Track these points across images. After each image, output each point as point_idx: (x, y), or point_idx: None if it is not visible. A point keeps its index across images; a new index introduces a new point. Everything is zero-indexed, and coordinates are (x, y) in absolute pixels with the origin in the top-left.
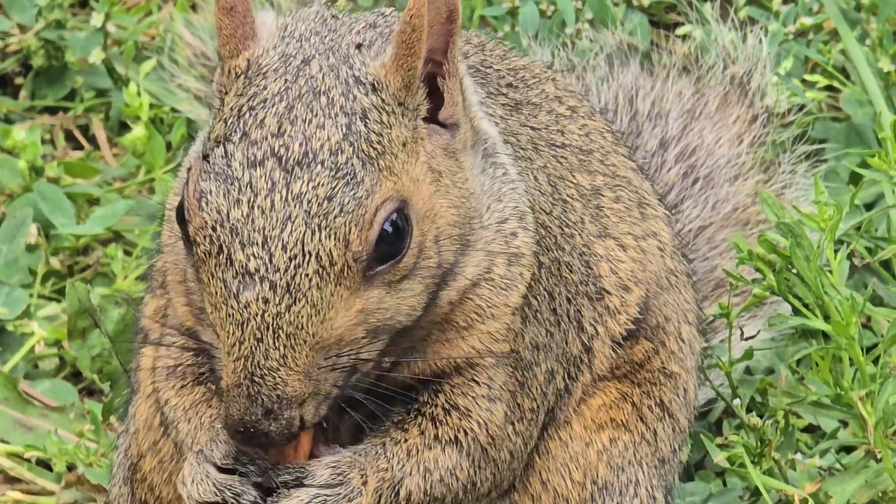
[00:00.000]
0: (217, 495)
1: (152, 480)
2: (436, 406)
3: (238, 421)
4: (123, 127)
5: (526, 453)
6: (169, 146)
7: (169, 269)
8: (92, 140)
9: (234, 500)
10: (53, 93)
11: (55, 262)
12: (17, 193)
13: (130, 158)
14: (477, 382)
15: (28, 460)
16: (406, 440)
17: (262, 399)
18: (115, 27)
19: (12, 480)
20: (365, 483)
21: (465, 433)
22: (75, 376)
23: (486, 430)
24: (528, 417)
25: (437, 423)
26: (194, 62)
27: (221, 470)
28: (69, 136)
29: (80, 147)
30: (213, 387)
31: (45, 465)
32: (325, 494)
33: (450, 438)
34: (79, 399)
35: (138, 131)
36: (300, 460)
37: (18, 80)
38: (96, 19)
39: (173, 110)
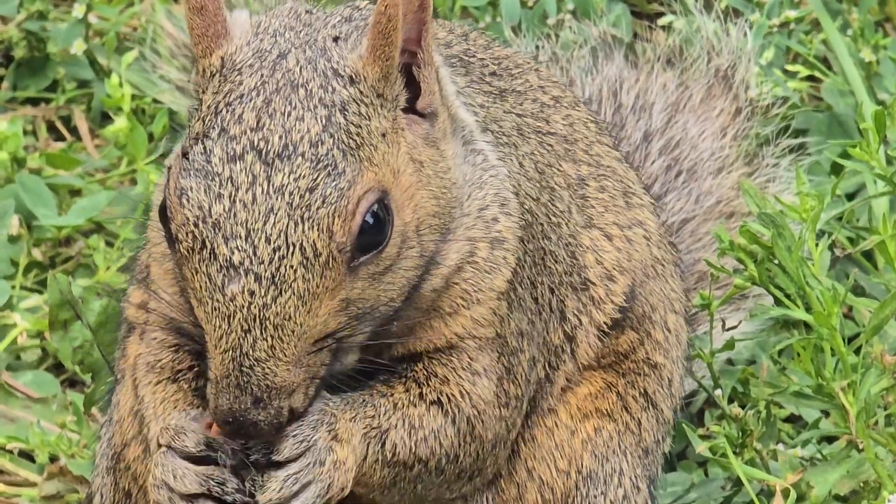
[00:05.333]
0: (203, 486)
1: (136, 469)
2: (416, 372)
3: (227, 411)
4: (105, 118)
5: (509, 441)
6: (151, 137)
7: (154, 262)
8: (74, 131)
9: (218, 489)
10: (35, 84)
11: (37, 254)
12: None
13: (112, 150)
14: (457, 358)
15: (10, 451)
16: (392, 395)
17: (252, 388)
18: (96, 18)
19: None
20: (335, 437)
21: (448, 399)
22: (57, 368)
23: (470, 401)
24: (513, 404)
25: (420, 384)
26: (176, 53)
27: (196, 460)
28: (51, 128)
29: (62, 138)
30: (186, 386)
31: (27, 456)
32: (294, 474)
33: (433, 399)
34: (61, 390)
35: (120, 122)
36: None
37: (0, 72)
38: (78, 10)
39: (155, 101)
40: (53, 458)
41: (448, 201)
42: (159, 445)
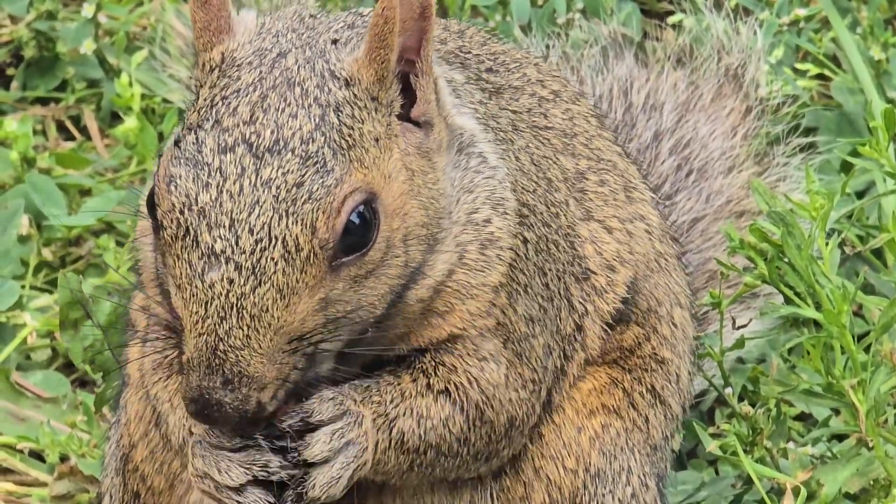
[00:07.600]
0: (248, 473)
1: (144, 470)
2: (423, 362)
3: (195, 387)
4: (115, 118)
5: (528, 426)
6: (161, 136)
7: (145, 266)
8: (84, 131)
9: (264, 473)
10: (45, 84)
11: (47, 253)
12: (8, 184)
13: (122, 149)
14: (462, 346)
15: (21, 451)
16: (399, 384)
17: (224, 370)
18: (106, 18)
19: (5, 471)
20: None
21: (456, 387)
22: (68, 367)
23: (478, 386)
24: (529, 387)
25: (427, 375)
26: (186, 52)
27: (233, 450)
28: (61, 127)
29: (71, 138)
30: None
31: (37, 456)
32: (339, 429)
33: (441, 388)
34: (71, 390)
35: (130, 122)
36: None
37: (10, 71)
38: (88, 10)
39: (165, 101)
40: (64, 458)
41: (436, 212)
42: (191, 433)
